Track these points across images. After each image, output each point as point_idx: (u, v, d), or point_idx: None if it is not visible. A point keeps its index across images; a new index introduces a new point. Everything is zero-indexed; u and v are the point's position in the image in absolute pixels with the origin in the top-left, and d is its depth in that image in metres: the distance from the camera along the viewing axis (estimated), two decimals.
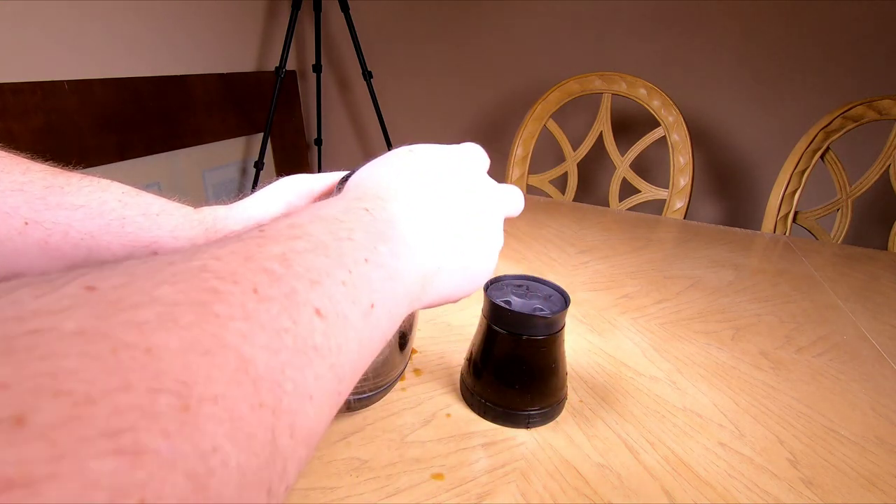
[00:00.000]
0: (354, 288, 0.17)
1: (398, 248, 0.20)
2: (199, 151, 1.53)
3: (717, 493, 0.35)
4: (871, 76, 1.25)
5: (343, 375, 0.16)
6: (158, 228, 0.28)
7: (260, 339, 0.13)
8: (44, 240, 0.26)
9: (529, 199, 1.04)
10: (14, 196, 0.25)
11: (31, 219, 0.25)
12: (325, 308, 0.16)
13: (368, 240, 0.19)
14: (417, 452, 0.37)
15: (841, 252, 0.84)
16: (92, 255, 0.27)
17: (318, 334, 0.15)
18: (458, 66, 1.69)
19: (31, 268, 0.26)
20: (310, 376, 0.14)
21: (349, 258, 0.18)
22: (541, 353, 0.39)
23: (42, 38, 1.11)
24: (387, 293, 0.19)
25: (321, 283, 0.16)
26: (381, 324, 0.19)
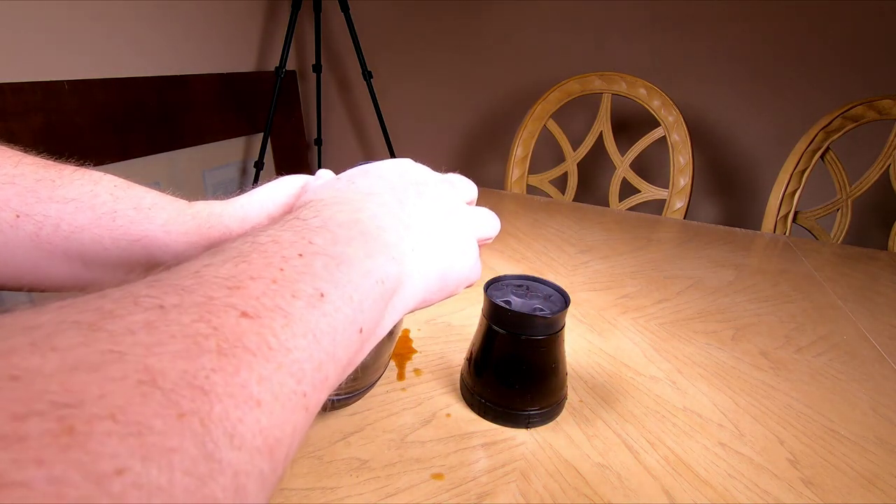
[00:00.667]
0: (291, 282, 0.16)
1: (341, 235, 0.19)
2: (199, 151, 1.53)
3: (717, 493, 0.35)
4: (871, 76, 1.25)
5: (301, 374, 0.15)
6: (149, 222, 0.28)
7: (170, 348, 0.11)
8: (35, 233, 0.25)
9: (529, 199, 1.04)
10: (5, 189, 0.25)
11: (22, 212, 0.25)
12: (254, 308, 0.14)
13: (298, 237, 0.18)
14: (417, 452, 0.37)
15: (841, 252, 0.84)
16: (84, 249, 0.27)
17: (249, 335, 0.13)
18: (459, 66, 1.69)
19: (25, 260, 0.26)
20: (250, 379, 0.13)
21: (277, 258, 0.16)
22: (541, 353, 0.39)
23: (42, 38, 1.11)
24: (340, 278, 0.17)
25: (244, 287, 0.14)
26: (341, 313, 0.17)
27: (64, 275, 0.27)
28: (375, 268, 0.19)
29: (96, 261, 0.27)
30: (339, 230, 0.19)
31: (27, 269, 0.26)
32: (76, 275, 0.27)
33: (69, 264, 0.27)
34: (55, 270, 0.27)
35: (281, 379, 0.14)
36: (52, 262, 0.26)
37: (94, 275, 0.28)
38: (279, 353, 0.14)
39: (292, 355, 0.14)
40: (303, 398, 0.15)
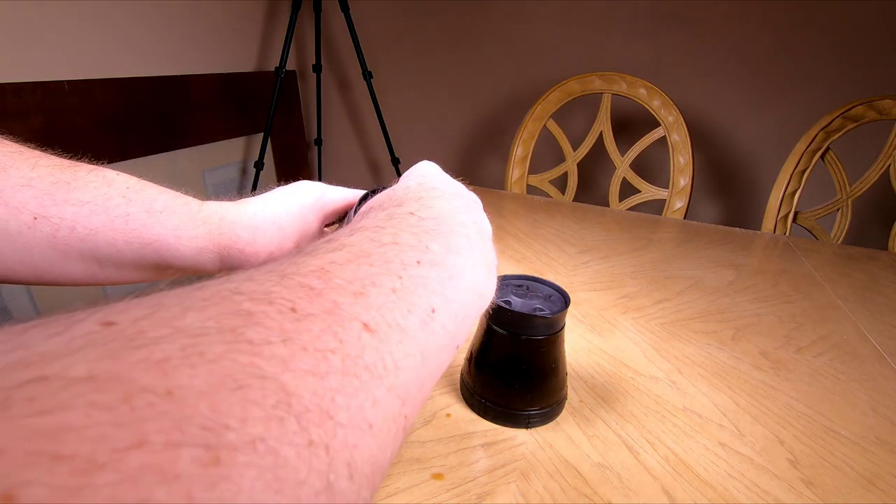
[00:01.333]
0: (408, 294, 0.15)
1: (454, 243, 0.19)
2: (199, 151, 1.53)
3: (717, 493, 0.35)
4: (871, 76, 1.25)
5: (406, 396, 0.14)
6: (161, 226, 0.28)
7: (302, 364, 0.11)
8: (52, 234, 0.26)
9: (529, 199, 1.04)
10: (23, 191, 0.26)
11: (39, 214, 0.26)
12: (375, 321, 0.14)
13: (417, 240, 0.17)
14: (417, 452, 0.37)
15: (841, 252, 0.84)
16: (98, 250, 0.27)
17: (369, 351, 0.13)
18: (459, 66, 1.69)
19: (42, 261, 0.27)
20: (366, 402, 0.13)
21: (397, 263, 0.16)
22: (541, 353, 0.39)
23: (42, 38, 1.11)
24: (448, 294, 0.17)
25: (366, 293, 0.14)
26: (447, 329, 0.16)
27: (79, 273, 0.28)
28: (478, 280, 0.19)
29: (110, 261, 0.28)
30: (451, 237, 0.19)
31: (44, 268, 0.27)
32: (91, 273, 0.28)
33: (84, 264, 0.28)
34: (71, 269, 0.28)
35: (390, 401, 0.14)
36: (67, 261, 0.27)
37: (108, 273, 0.29)
38: (392, 374, 0.14)
39: (401, 376, 0.14)
40: (404, 420, 0.14)
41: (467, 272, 0.18)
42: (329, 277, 0.14)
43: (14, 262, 0.26)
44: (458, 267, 0.18)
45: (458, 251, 0.19)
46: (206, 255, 0.29)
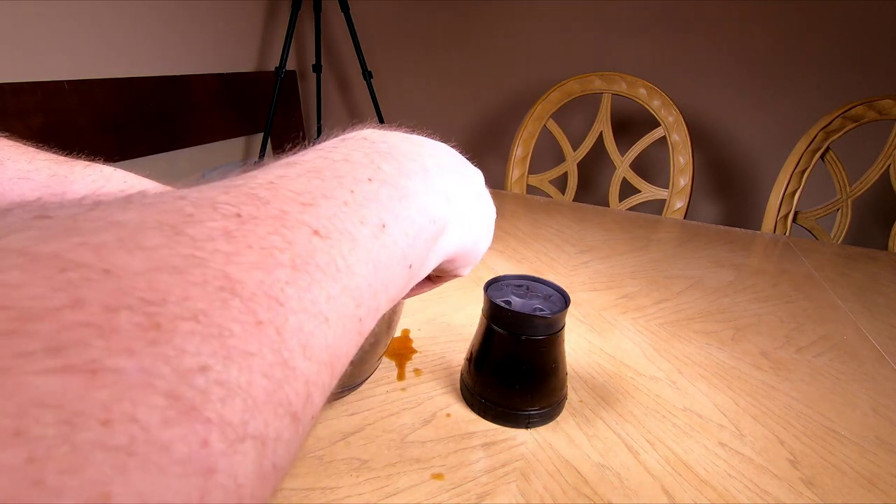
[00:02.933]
0: (359, 207, 0.16)
1: (407, 167, 0.19)
2: (199, 151, 1.53)
3: (717, 493, 0.35)
4: (871, 76, 1.25)
5: (360, 299, 0.15)
6: None
7: (247, 259, 0.11)
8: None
9: (529, 199, 1.04)
10: (21, 184, 0.26)
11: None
12: (325, 228, 0.14)
13: (369, 160, 0.18)
14: (417, 452, 0.37)
15: (841, 252, 0.84)
16: None
17: (320, 254, 0.13)
18: (459, 66, 1.69)
19: None
20: (320, 296, 0.13)
21: (348, 179, 0.16)
22: (541, 353, 0.39)
23: (42, 38, 1.11)
24: (399, 212, 0.17)
25: (316, 204, 0.14)
26: (398, 246, 0.17)
27: None
28: (430, 206, 0.19)
29: None
30: (404, 160, 0.19)
31: None
32: None
33: None
34: None
35: (345, 300, 0.14)
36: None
37: None
38: (345, 276, 0.14)
39: (355, 280, 0.14)
40: (358, 322, 0.15)
41: (419, 196, 0.19)
42: (277, 189, 0.14)
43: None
44: (410, 189, 0.18)
45: (410, 175, 0.19)
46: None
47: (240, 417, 0.09)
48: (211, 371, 0.09)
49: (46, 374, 0.07)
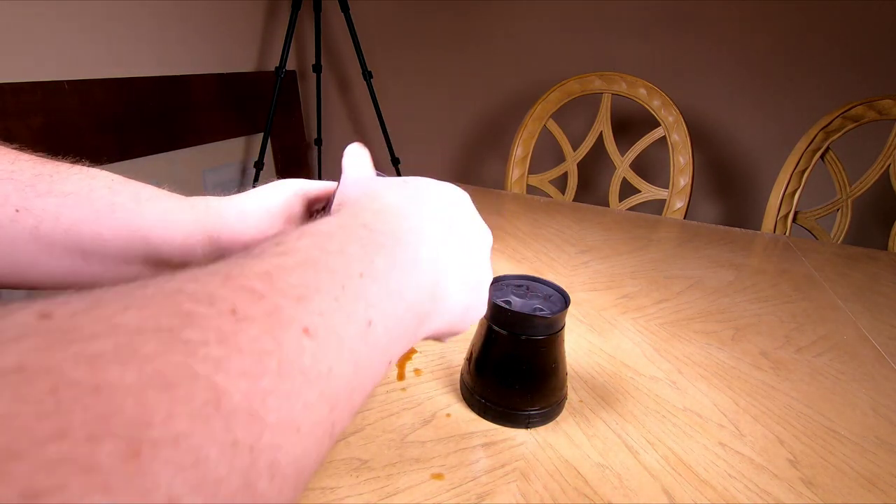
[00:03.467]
0: (349, 303, 0.16)
1: (400, 260, 0.19)
2: (199, 151, 1.53)
3: (717, 493, 0.35)
4: (871, 76, 1.25)
5: (336, 402, 0.15)
6: (149, 212, 0.28)
7: (237, 365, 0.11)
8: (35, 227, 0.26)
9: (529, 199, 1.04)
10: (3, 185, 0.25)
11: (21, 206, 0.25)
12: (315, 325, 0.14)
13: (364, 253, 0.18)
14: (417, 452, 0.37)
15: (841, 252, 0.84)
16: (83, 242, 0.27)
17: (307, 356, 0.13)
18: (459, 66, 1.69)
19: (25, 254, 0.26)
20: (297, 405, 0.13)
21: (341, 272, 0.16)
22: (541, 353, 0.39)
23: (42, 38, 1.11)
24: (387, 310, 0.17)
25: (309, 298, 0.14)
26: (380, 343, 0.17)
27: (64, 269, 0.27)
28: (418, 303, 0.20)
29: (96, 254, 0.27)
30: (399, 252, 0.19)
31: (27, 263, 0.26)
32: (76, 269, 0.28)
33: (70, 258, 0.27)
34: (55, 265, 0.27)
35: (320, 407, 0.14)
36: (51, 256, 0.27)
37: (94, 269, 0.28)
38: (324, 379, 0.14)
39: (333, 382, 0.14)
40: (331, 427, 0.15)
41: (408, 292, 0.19)
42: (273, 281, 0.14)
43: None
44: (401, 287, 0.19)
45: (403, 269, 0.19)
46: (194, 239, 0.29)
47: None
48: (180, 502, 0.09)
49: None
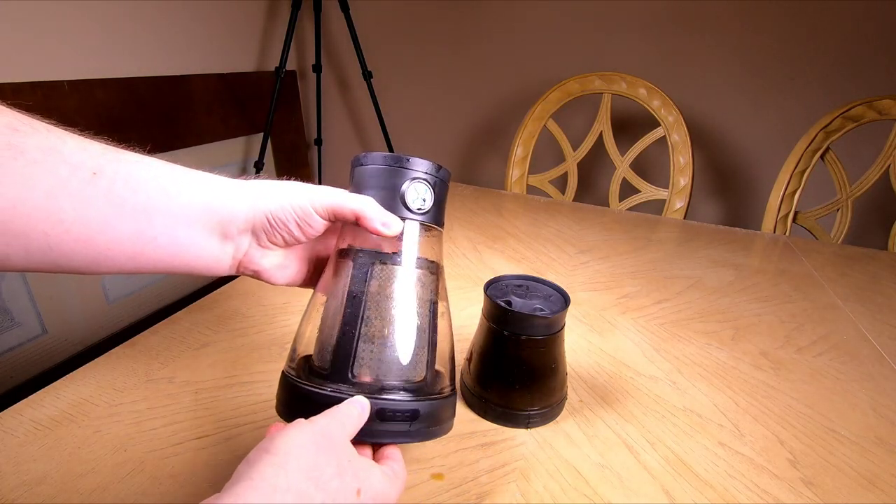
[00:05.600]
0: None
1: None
2: (199, 151, 1.53)
3: (717, 493, 0.35)
4: (871, 76, 1.25)
5: None
6: (210, 181, 0.31)
7: None
8: (109, 188, 0.27)
9: (529, 199, 1.04)
10: (79, 153, 0.27)
11: (97, 170, 0.27)
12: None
13: None
14: (417, 452, 0.37)
15: (841, 252, 0.84)
16: (151, 201, 0.28)
17: None
18: (458, 66, 1.69)
19: (98, 217, 0.27)
20: None
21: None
22: (541, 353, 0.39)
23: (42, 38, 1.11)
24: None
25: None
26: None
27: (129, 231, 0.28)
28: None
29: (161, 212, 0.29)
30: None
31: (98, 226, 0.27)
32: (140, 229, 0.29)
33: (135, 219, 0.28)
34: (123, 227, 0.28)
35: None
36: (122, 218, 0.28)
37: (156, 229, 0.29)
38: None
39: None
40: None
41: None
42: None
43: (73, 220, 0.26)
44: None
45: None
46: (239, 194, 0.31)
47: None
48: None
49: None
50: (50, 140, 0.26)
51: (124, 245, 0.28)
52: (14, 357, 1.09)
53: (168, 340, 0.49)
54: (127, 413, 0.40)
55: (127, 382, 0.43)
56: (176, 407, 0.41)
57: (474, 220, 0.88)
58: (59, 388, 0.42)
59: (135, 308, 1.36)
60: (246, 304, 0.57)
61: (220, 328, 0.52)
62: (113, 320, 1.30)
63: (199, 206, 0.30)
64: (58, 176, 0.25)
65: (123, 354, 0.47)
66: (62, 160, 0.26)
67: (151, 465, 0.35)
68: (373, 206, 0.32)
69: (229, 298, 0.58)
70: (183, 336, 0.50)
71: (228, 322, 0.53)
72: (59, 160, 0.26)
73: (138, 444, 0.37)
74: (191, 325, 0.52)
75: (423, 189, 0.33)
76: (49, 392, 0.42)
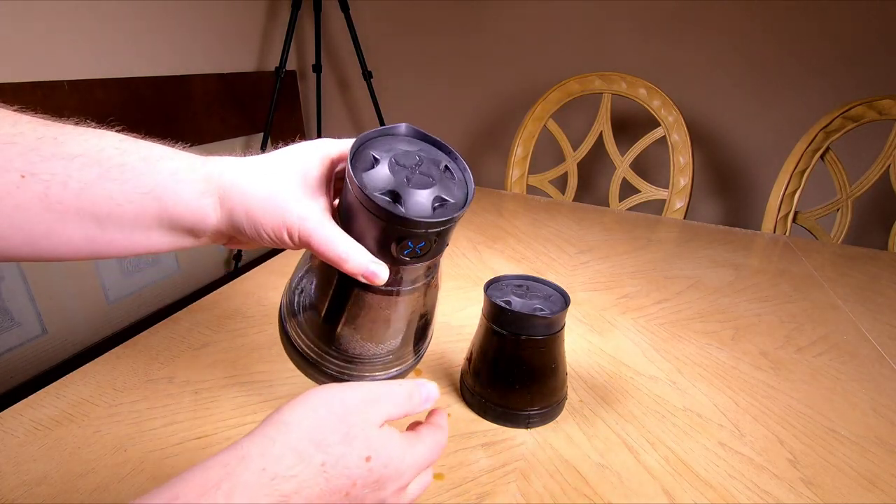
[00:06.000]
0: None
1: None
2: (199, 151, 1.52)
3: (717, 493, 0.35)
4: (871, 76, 1.25)
5: None
6: (159, 173, 0.27)
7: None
8: (43, 192, 0.24)
9: (529, 199, 1.04)
10: (6, 149, 0.24)
11: (26, 171, 0.24)
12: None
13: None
14: None
15: (841, 252, 0.84)
16: (96, 206, 0.26)
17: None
18: (458, 66, 1.68)
19: (38, 224, 0.25)
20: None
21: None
22: (541, 353, 0.39)
23: (42, 38, 1.11)
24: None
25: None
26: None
27: (79, 238, 0.26)
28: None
29: (110, 219, 0.26)
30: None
31: (40, 233, 0.25)
32: (91, 237, 0.26)
33: (83, 225, 0.26)
34: (70, 233, 0.26)
35: None
36: (65, 224, 0.25)
37: (111, 236, 0.27)
38: None
39: None
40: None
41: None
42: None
43: (9, 229, 0.24)
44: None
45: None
46: (207, 199, 0.28)
47: None
48: None
49: None
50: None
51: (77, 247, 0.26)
52: (14, 357, 1.09)
53: (168, 340, 0.49)
54: (127, 413, 0.40)
55: (127, 382, 0.43)
56: (176, 407, 0.41)
57: (474, 220, 0.88)
58: (59, 388, 0.42)
59: (135, 308, 1.36)
60: (246, 304, 0.57)
61: (220, 328, 0.52)
62: (113, 320, 1.30)
63: (155, 215, 0.27)
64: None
65: (123, 354, 0.47)
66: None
67: (151, 465, 0.35)
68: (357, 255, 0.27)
69: (229, 298, 0.58)
70: (183, 336, 0.50)
71: (228, 322, 0.53)
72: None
73: (138, 445, 0.37)
74: (191, 325, 0.52)
75: (422, 243, 0.26)
76: (49, 392, 0.42)
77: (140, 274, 1.36)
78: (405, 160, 0.27)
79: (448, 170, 0.28)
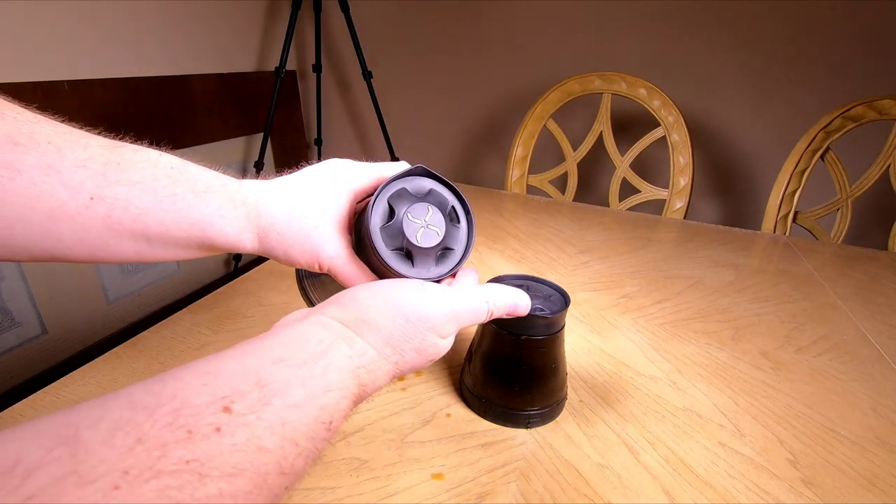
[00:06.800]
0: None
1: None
2: (199, 151, 1.53)
3: (717, 493, 0.35)
4: (871, 76, 1.25)
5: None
6: (206, 206, 0.30)
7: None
8: (107, 214, 0.27)
9: (529, 199, 1.04)
10: (79, 172, 0.27)
11: (95, 194, 0.27)
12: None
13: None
14: (417, 452, 0.37)
15: (841, 252, 0.84)
16: (149, 229, 0.29)
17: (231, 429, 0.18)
18: (459, 65, 1.69)
19: (97, 239, 0.28)
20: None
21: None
22: (541, 353, 0.39)
23: (42, 38, 1.11)
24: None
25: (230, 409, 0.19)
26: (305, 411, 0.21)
27: (130, 252, 0.30)
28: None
29: (159, 240, 0.30)
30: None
31: (99, 246, 0.29)
32: (140, 251, 0.30)
33: (135, 243, 0.29)
34: (123, 248, 0.29)
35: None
36: (121, 241, 0.29)
37: (156, 251, 0.30)
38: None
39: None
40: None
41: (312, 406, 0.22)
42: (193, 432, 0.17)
43: (72, 241, 0.27)
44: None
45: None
46: (246, 234, 0.31)
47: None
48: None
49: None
50: (48, 156, 0.26)
51: (126, 257, 0.30)
52: (14, 357, 1.09)
53: (168, 340, 0.49)
54: None
55: (127, 382, 0.43)
56: None
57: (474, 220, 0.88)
58: (59, 388, 0.42)
59: (135, 308, 1.36)
60: (246, 304, 0.57)
61: (220, 328, 0.52)
62: (113, 320, 1.30)
63: (198, 240, 0.31)
64: (56, 198, 0.26)
65: (123, 354, 0.47)
66: (60, 182, 0.26)
67: None
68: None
69: (229, 298, 0.58)
70: (183, 336, 0.50)
71: (228, 322, 0.53)
72: (58, 181, 0.26)
73: None
74: (191, 325, 0.52)
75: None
76: (49, 392, 0.42)
77: (140, 274, 1.36)
78: (417, 214, 0.31)
79: (454, 211, 0.33)
